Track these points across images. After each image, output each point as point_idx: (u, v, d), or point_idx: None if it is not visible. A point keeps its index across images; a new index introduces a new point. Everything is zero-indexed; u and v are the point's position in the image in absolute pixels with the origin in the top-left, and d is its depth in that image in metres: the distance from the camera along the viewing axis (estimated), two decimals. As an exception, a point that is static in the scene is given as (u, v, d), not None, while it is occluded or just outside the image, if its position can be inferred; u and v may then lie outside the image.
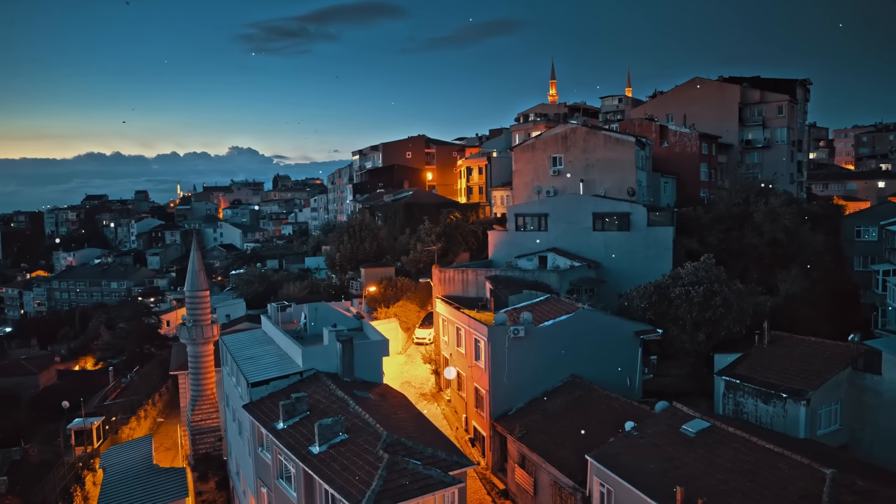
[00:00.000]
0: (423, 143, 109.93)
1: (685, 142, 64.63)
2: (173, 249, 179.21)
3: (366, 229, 63.07)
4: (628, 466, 23.92)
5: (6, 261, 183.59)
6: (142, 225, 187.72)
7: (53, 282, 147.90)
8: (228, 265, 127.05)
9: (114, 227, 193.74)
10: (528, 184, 57.26)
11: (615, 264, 46.62)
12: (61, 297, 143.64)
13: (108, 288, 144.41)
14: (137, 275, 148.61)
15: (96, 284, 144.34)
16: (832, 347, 30.30)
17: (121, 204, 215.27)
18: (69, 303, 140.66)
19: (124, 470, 40.30)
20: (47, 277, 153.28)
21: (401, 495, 20.74)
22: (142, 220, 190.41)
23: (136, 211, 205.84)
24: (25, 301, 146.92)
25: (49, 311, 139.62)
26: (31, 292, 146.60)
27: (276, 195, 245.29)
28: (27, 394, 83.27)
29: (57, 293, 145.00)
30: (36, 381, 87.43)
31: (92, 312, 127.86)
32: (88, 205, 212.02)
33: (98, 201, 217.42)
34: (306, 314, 39.13)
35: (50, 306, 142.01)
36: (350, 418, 25.84)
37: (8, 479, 45.30)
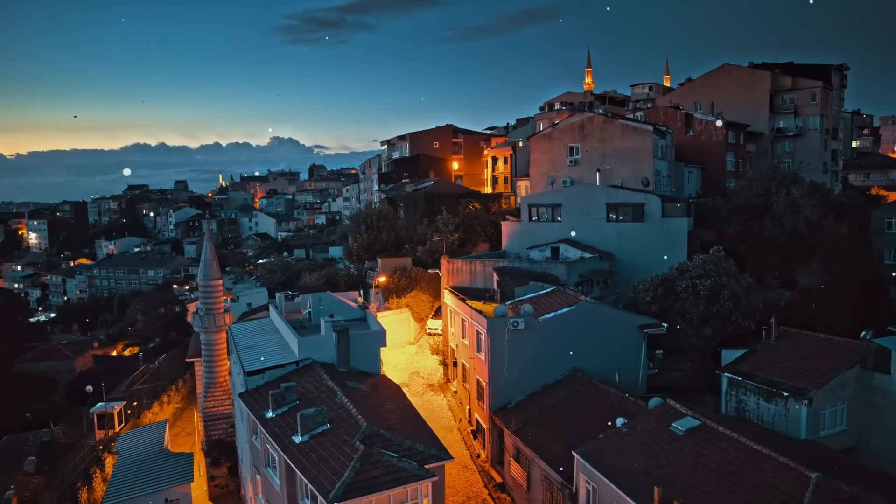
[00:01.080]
0: (451, 132, 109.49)
1: (711, 130, 62.75)
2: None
3: (383, 219, 63.10)
4: (613, 464, 23.37)
5: (52, 249, 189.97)
6: (180, 214, 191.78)
7: (94, 269, 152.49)
8: (259, 254, 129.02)
9: (153, 216, 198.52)
10: (545, 174, 56.40)
11: (628, 256, 45.63)
12: (101, 285, 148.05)
13: (146, 276, 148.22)
14: (173, 263, 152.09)
15: (134, 272, 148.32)
16: (842, 345, 29.01)
17: (160, 194, 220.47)
18: (109, 290, 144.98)
19: (137, 454, 41.26)
20: (89, 265, 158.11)
21: (371, 487, 20.67)
22: (180, 210, 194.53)
23: (175, 200, 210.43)
24: (68, 288, 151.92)
25: (90, 297, 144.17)
26: (73, 279, 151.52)
27: (311, 185, 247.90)
28: (63, 377, 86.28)
29: (97, 280, 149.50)
30: (72, 366, 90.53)
31: (130, 299, 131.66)
32: (129, 195, 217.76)
33: (139, 191, 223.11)
34: (310, 304, 39.36)
35: (91, 293, 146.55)
36: (335, 409, 25.85)
37: (36, 460, 46.78)
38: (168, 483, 36.33)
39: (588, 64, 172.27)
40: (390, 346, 50.23)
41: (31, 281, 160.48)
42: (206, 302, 46.22)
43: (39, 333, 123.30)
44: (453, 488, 33.27)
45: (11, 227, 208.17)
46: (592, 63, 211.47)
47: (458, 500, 32.24)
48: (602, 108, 70.30)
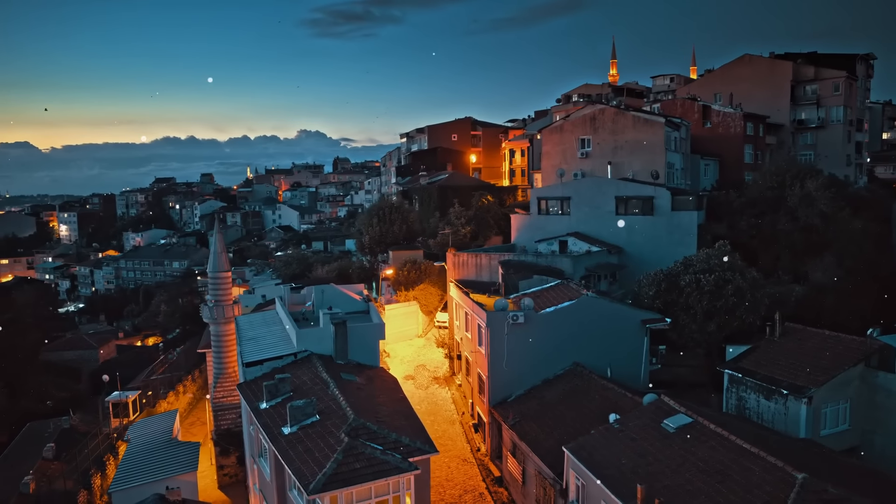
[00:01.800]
0: (470, 125, 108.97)
1: (729, 122, 61.52)
2: (234, 230, 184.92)
3: (395, 212, 63.14)
4: (601, 461, 23.08)
5: (82, 240, 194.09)
6: (205, 207, 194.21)
7: (121, 261, 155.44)
8: (280, 246, 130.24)
9: (179, 208, 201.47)
10: (557, 166, 55.81)
11: (638, 250, 45.03)
12: (127, 276, 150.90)
13: (171, 267, 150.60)
14: (197, 255, 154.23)
15: (159, 264, 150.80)
16: (847, 342, 28.24)
17: (186, 186, 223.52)
18: (134, 281, 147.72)
19: (146, 442, 41.97)
20: (115, 257, 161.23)
21: (352, 479, 20.69)
22: (205, 202, 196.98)
23: (201, 193, 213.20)
24: (96, 279, 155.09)
25: (116, 288, 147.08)
26: (100, 271, 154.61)
27: (334, 178, 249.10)
28: (87, 367, 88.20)
29: (124, 272, 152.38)
30: (96, 355, 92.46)
31: (154, 291, 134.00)
32: (156, 187, 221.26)
33: (166, 184, 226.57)
34: (313, 296, 39.56)
35: (117, 284, 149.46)
36: (326, 401, 25.94)
37: (55, 446, 47.85)
38: (173, 471, 36.87)
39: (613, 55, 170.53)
40: (398, 338, 50.57)
41: (60, 272, 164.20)
42: (216, 293, 46.70)
43: (68, 323, 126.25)
44: (451, 481, 33.27)
45: (43, 219, 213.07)
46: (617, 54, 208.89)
47: (456, 494, 32.19)
48: (619, 100, 69.24)
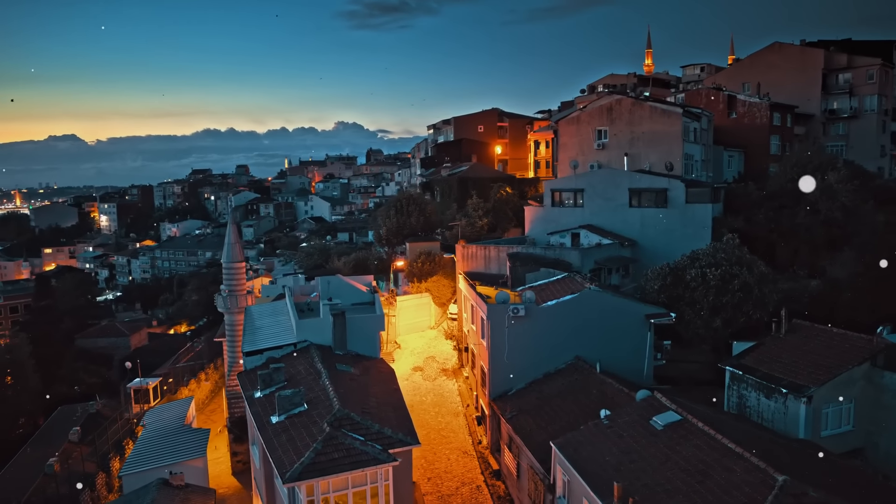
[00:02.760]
0: (496, 116, 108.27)
1: (754, 112, 59.81)
2: (266, 221, 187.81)
3: (413, 203, 63.12)
4: (586, 457, 22.76)
5: (121, 231, 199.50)
6: (239, 198, 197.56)
7: (157, 251, 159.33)
8: (307, 237, 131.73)
9: (214, 199, 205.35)
10: (573, 158, 55.04)
11: (651, 243, 44.18)
12: (162, 266, 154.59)
13: (204, 257, 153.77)
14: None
15: (193, 254, 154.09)
16: (853, 341, 27.24)
17: (222, 178, 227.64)
18: (169, 271, 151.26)
19: (160, 428, 43.00)
20: (152, 247, 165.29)
21: (329, 469, 20.82)
22: (239, 194, 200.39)
23: (235, 184, 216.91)
24: (133, 268, 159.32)
25: (152, 277, 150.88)
26: (137, 260, 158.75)
27: (366, 169, 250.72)
28: (119, 353, 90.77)
29: (159, 261, 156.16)
30: (128, 343, 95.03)
31: (188, 280, 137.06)
32: (192, 179, 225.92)
33: (202, 175, 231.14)
34: (319, 287, 39.87)
35: (153, 273, 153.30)
36: (316, 391, 26.14)
37: (81, 430, 49.40)
38: (182, 457, 37.64)
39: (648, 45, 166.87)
40: (411, 329, 50.71)
41: (100, 261, 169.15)
42: (229, 283, 47.43)
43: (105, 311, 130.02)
44: (450, 473, 33.28)
45: (85, 210, 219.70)
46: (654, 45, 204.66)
47: (454, 486, 32.18)
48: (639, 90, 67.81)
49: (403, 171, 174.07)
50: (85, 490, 39.40)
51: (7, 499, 40.35)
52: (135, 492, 31.99)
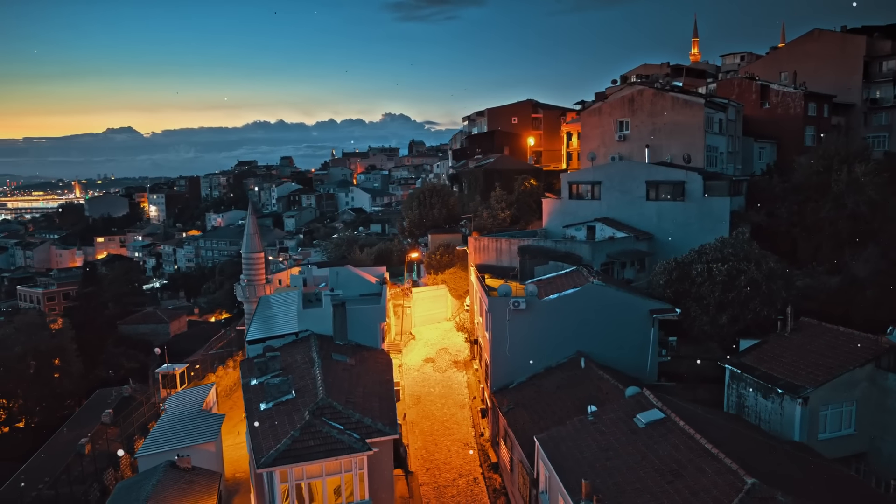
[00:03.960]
0: (531, 107, 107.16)
1: (788, 102, 57.64)
2: (308, 212, 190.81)
3: (435, 195, 63.20)
4: (565, 453, 22.54)
5: (169, 220, 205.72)
6: (281, 189, 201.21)
7: (200, 240, 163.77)
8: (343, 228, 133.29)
9: (258, 190, 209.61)
10: (596, 150, 54.19)
11: (668, 236, 43.20)
12: (206, 255, 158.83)
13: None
14: (270, 235, 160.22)
15: (235, 244, 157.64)
16: (861, 340, 26.15)
17: (266, 169, 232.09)
18: (212, 260, 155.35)
19: (178, 412, 44.36)
20: (196, 236, 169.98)
21: (304, 456, 21.20)
22: (282, 185, 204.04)
23: (279, 176, 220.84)
24: (178, 257, 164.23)
25: (196, 266, 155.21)
26: (182, 249, 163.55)
27: (408, 161, 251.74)
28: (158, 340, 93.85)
29: (203, 251, 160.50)
30: (167, 329, 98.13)
31: (230, 269, 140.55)
32: (238, 170, 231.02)
33: (247, 167, 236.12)
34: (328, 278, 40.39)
35: (197, 262, 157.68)
36: (307, 379, 26.59)
37: (113, 413, 51.43)
38: (195, 440, 38.73)
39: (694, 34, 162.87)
40: (426, 321, 50.91)
41: (148, 250, 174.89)
42: (249, 273, 48.69)
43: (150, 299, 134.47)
44: (449, 464, 33.40)
45: (135, 200, 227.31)
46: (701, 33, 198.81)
47: (451, 477, 32.30)
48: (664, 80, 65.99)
49: (442, 162, 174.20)
50: (109, 470, 41.01)
51: (40, 476, 42.11)
52: (143, 472, 33.06)
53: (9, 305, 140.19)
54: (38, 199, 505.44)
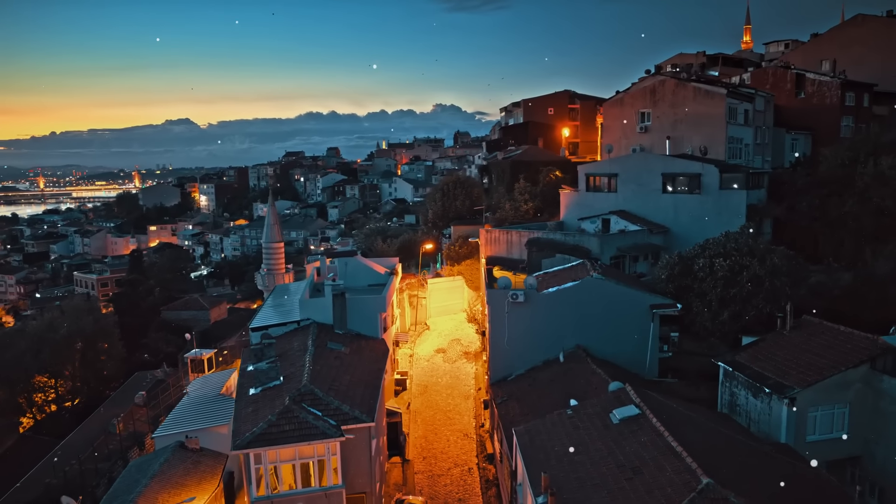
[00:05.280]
0: (567, 98, 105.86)
1: (824, 91, 55.38)
2: (352, 202, 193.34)
3: (459, 187, 63.32)
4: (538, 446, 22.59)
5: (218, 210, 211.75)
6: (326, 179, 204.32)
7: (246, 229, 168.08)
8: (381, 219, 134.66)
9: (303, 181, 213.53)
10: (617, 141, 53.32)
11: (684, 230, 42.29)
12: (251, 244, 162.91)
13: (288, 237, 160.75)
14: (313, 225, 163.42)
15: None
16: (858, 340, 25.20)
17: (312, 160, 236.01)
18: (256, 248, 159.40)
19: (199, 395, 46.06)
20: (243, 226, 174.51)
21: (278, 440, 21.88)
22: (327, 175, 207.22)
23: (324, 167, 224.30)
24: (225, 246, 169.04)
25: (241, 255, 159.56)
26: (229, 238, 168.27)
27: (452, 152, 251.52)
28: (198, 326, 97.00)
29: (248, 239, 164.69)
30: (207, 316, 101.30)
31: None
32: (284, 161, 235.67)
33: (294, 157, 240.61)
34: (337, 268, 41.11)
35: (242, 251, 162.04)
36: (297, 366, 27.32)
37: (146, 395, 53.73)
38: (208, 423, 40.16)
39: (747, 21, 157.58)
40: (442, 312, 51.24)
41: (197, 239, 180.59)
42: (268, 262, 49.92)
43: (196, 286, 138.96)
44: (445, 454, 33.76)
45: (186, 190, 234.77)
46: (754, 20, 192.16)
47: (445, 467, 32.66)
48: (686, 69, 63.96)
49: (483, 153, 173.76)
50: (134, 448, 42.94)
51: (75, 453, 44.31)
52: (155, 452, 34.49)
53: (66, 290, 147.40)
54: (100, 189, 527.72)
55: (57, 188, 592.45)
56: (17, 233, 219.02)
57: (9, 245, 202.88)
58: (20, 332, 70.79)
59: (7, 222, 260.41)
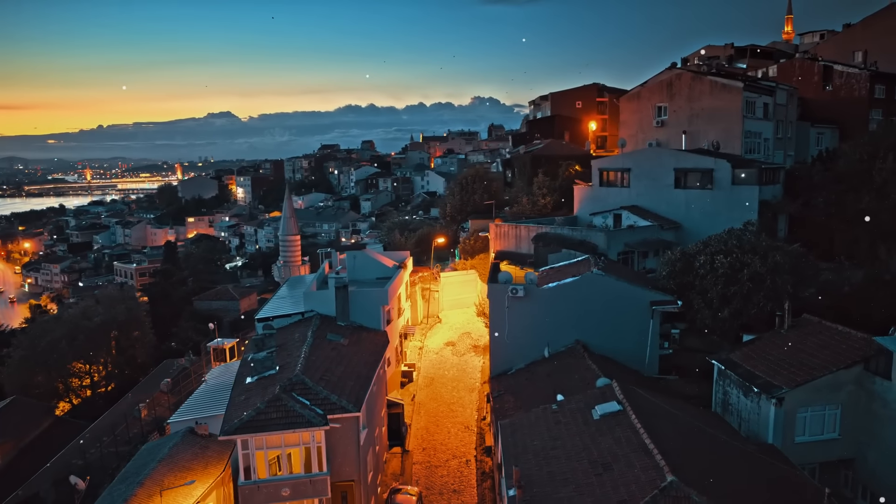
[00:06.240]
0: (595, 91, 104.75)
1: (852, 84, 53.79)
2: (384, 195, 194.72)
3: (477, 181, 63.45)
4: (518, 440, 22.84)
5: (254, 202, 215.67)
6: (360, 172, 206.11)
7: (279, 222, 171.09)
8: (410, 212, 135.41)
9: (337, 174, 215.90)
10: (634, 136, 52.76)
11: (696, 226, 41.72)
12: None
13: (321, 228, 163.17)
14: (345, 217, 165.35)
15: (311, 225, 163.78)
16: (855, 341, 24.70)
17: (346, 153, 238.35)
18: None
19: (216, 383, 47.45)
20: (277, 218, 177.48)
21: (264, 427, 22.61)
22: (360, 168, 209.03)
23: (358, 160, 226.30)
24: (259, 237, 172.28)
25: (275, 246, 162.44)
26: (262, 230, 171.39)
27: (485, 145, 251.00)
28: (228, 316, 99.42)
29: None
30: (237, 306, 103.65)
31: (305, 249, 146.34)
32: (319, 154, 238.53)
33: (329, 150, 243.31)
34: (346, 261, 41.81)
35: (276, 242, 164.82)
36: (294, 356, 28.05)
37: (171, 382, 55.51)
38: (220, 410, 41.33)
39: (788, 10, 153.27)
40: (455, 306, 51.61)
41: (233, 230, 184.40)
42: (285, 255, 50.99)
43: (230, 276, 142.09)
44: (445, 445, 34.19)
45: (224, 182, 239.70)
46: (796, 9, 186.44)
47: (444, 458, 33.09)
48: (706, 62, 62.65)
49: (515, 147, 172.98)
50: (154, 433, 44.50)
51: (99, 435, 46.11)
52: (168, 436, 35.78)
53: (107, 280, 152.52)
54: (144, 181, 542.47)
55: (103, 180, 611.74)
56: (63, 223, 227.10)
57: (55, 235, 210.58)
58: (57, 320, 73.50)
59: (55, 213, 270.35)
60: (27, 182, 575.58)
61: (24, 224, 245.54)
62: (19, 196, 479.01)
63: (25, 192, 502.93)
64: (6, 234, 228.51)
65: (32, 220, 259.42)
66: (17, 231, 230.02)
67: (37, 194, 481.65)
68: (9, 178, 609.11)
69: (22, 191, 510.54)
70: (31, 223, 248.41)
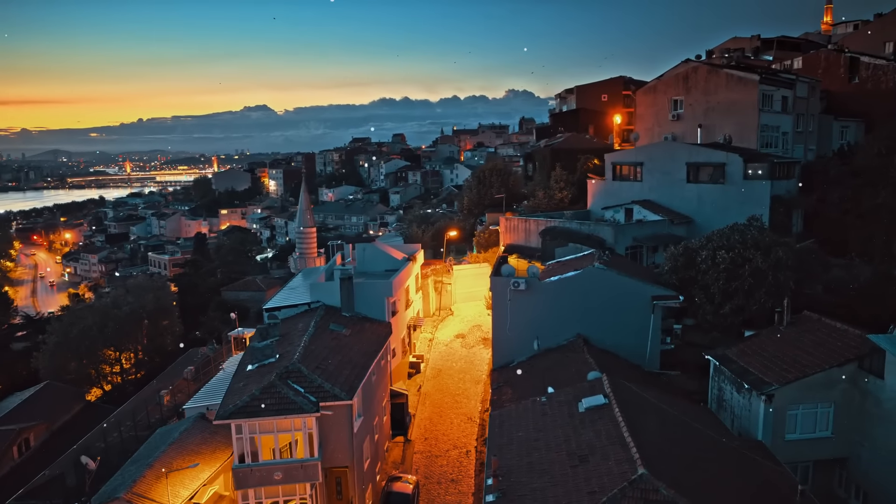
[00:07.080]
0: (621, 84, 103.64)
1: (879, 76, 52.35)
2: (413, 188, 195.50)
3: (495, 175, 63.56)
4: (504, 431, 23.18)
5: (286, 195, 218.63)
6: (389, 165, 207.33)
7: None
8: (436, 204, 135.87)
9: (367, 167, 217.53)
10: (650, 129, 52.27)
11: (707, 220, 41.23)
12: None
13: (349, 221, 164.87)
14: (373, 210, 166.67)
15: (340, 217, 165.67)
16: (852, 338, 24.35)
17: (377, 146, 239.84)
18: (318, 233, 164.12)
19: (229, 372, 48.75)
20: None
21: (257, 413, 23.34)
22: (390, 161, 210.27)
23: (389, 152, 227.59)
24: (289, 229, 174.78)
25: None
26: (293, 222, 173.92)
27: (515, 138, 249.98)
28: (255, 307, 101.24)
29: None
30: (263, 297, 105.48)
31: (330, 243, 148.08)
32: (350, 147, 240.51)
33: (359, 143, 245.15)
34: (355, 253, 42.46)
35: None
36: (294, 345, 28.78)
37: (194, 369, 57.11)
38: (235, 397, 42.60)
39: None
40: (467, 298, 51.98)
41: (264, 222, 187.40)
42: (301, 247, 51.94)
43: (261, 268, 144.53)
44: (447, 436, 34.65)
45: (257, 175, 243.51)
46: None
47: (444, 448, 33.55)
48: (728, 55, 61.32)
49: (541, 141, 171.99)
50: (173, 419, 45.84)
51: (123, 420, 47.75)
52: (181, 421, 36.97)
53: (142, 270, 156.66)
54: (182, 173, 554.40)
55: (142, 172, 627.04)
56: (101, 215, 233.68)
57: (94, 226, 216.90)
58: (88, 308, 75.89)
59: (95, 205, 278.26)
60: (70, 174, 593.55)
61: (66, 215, 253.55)
62: (63, 188, 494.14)
63: (69, 184, 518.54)
64: (49, 224, 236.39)
65: (73, 211, 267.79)
66: (58, 222, 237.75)
67: (79, 186, 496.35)
68: (53, 170, 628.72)
69: (65, 183, 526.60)
70: (72, 214, 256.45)
